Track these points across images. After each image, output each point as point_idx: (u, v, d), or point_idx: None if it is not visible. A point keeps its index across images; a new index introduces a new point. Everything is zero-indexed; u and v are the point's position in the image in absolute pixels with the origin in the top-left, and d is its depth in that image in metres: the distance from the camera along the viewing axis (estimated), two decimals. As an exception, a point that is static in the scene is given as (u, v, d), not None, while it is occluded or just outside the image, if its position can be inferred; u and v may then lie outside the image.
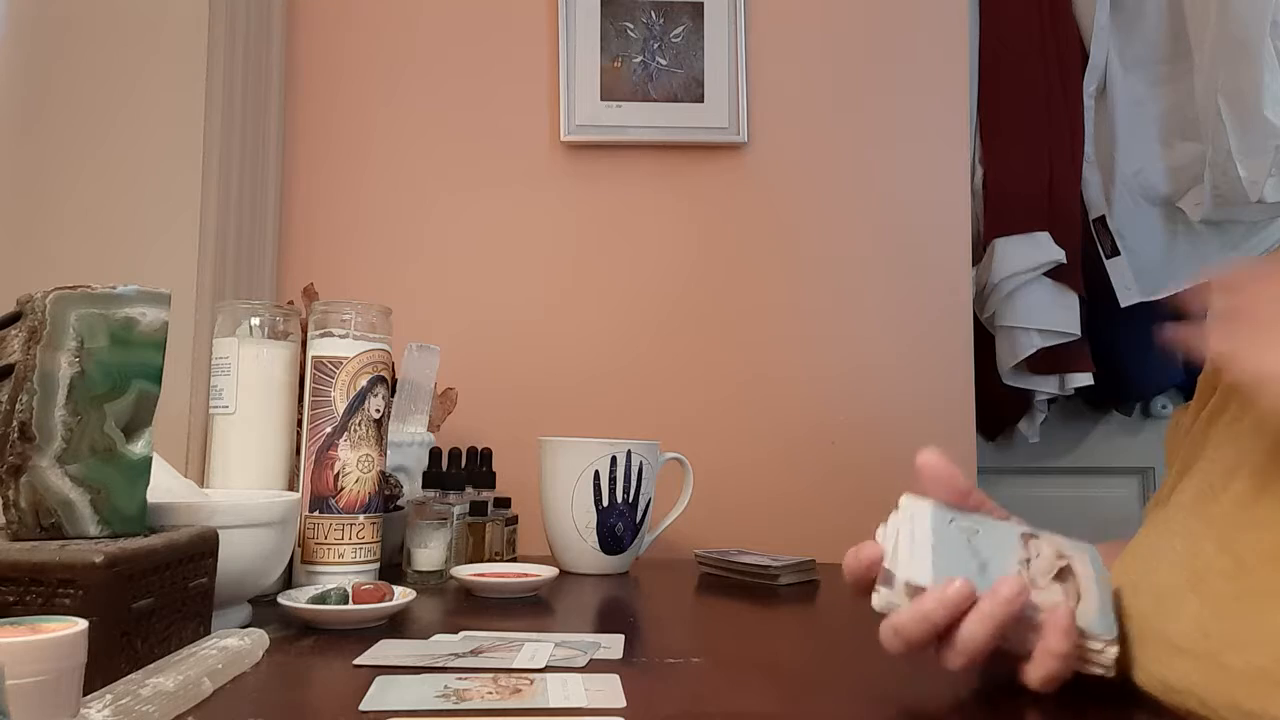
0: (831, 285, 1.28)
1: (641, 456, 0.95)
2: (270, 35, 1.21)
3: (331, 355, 0.77)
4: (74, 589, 0.47)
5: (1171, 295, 1.44)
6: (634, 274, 1.27)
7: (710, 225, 1.29)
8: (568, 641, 0.61)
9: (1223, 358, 0.48)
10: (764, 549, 0.98)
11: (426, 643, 0.61)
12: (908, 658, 0.50)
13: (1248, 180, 1.31)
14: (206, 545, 0.59)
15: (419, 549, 0.84)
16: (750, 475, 1.23)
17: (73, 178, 1.00)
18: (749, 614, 0.80)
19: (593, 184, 1.28)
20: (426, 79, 1.29)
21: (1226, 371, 0.50)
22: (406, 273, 1.26)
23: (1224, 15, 1.32)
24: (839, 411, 1.25)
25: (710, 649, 0.64)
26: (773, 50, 1.30)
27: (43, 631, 0.35)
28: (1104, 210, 1.48)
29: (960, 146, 1.31)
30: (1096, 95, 1.50)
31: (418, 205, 1.28)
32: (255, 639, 0.55)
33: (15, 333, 0.55)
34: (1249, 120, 1.30)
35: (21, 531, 0.54)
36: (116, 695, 0.42)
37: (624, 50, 1.27)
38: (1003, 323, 1.44)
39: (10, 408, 0.54)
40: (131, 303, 0.57)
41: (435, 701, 0.48)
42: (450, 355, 1.05)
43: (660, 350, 1.26)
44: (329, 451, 0.76)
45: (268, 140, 1.20)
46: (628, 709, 0.47)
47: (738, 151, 1.29)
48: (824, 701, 0.53)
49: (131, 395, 0.57)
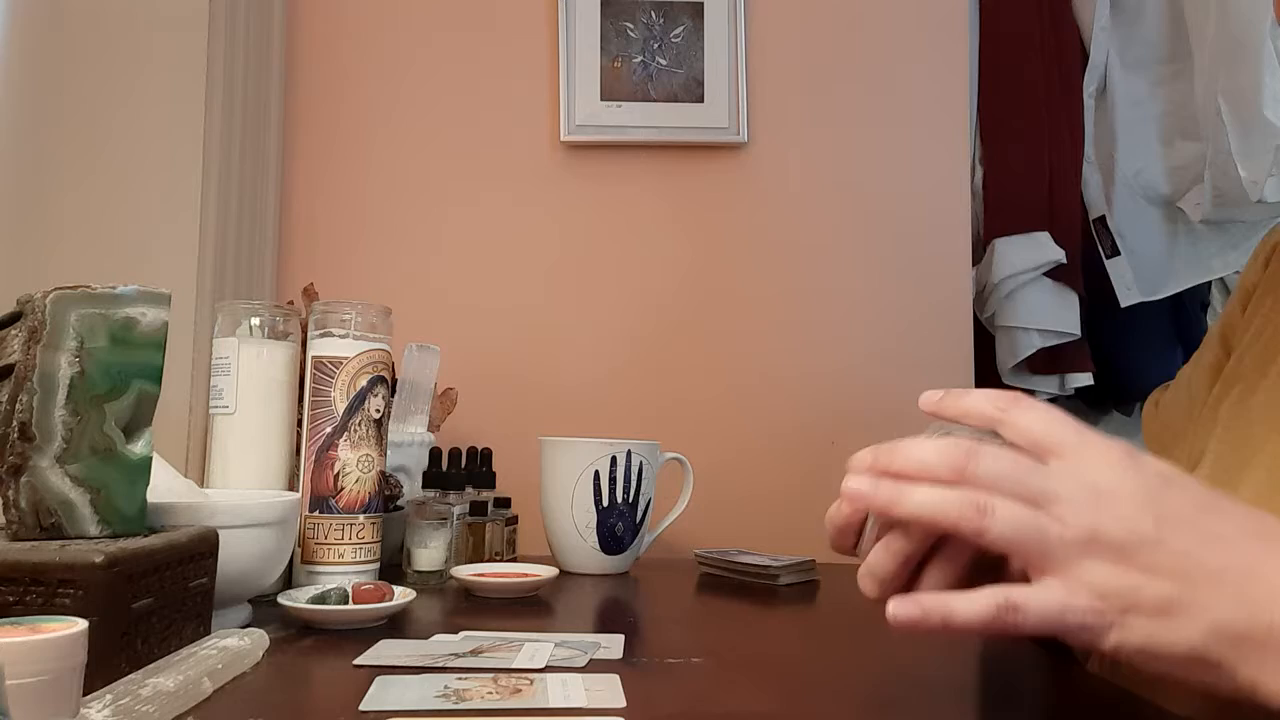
0: (831, 285, 1.28)
1: (641, 456, 0.95)
2: (270, 35, 1.21)
3: (331, 355, 0.77)
4: (74, 589, 0.47)
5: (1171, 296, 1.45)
6: (634, 274, 1.27)
7: (710, 225, 1.28)
8: (568, 641, 0.61)
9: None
10: (764, 549, 0.98)
11: (426, 643, 0.61)
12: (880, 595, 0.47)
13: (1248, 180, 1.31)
14: (206, 545, 0.59)
15: (419, 549, 0.84)
16: (750, 475, 1.23)
17: (73, 178, 1.00)
18: (749, 614, 0.80)
19: (593, 184, 1.28)
20: (426, 79, 1.29)
21: None
22: (406, 273, 1.26)
23: (1224, 15, 1.32)
24: (839, 411, 1.25)
25: (710, 649, 0.64)
26: (773, 50, 1.30)
27: (43, 631, 0.35)
28: (1104, 210, 1.48)
29: (960, 146, 1.31)
30: (1096, 95, 1.50)
31: (418, 205, 1.28)
32: (255, 639, 0.55)
33: (15, 333, 0.55)
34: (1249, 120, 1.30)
35: (21, 531, 0.54)
36: (116, 695, 0.42)
37: (624, 50, 1.27)
38: (1003, 323, 1.43)
39: (10, 408, 0.54)
40: (131, 303, 0.57)
41: (435, 701, 0.48)
42: (450, 355, 1.05)
43: (660, 350, 1.26)
44: (329, 451, 0.76)
45: (268, 140, 1.20)
46: (628, 709, 0.47)
47: (738, 151, 1.29)
48: (824, 701, 0.53)
49: (131, 395, 0.57)
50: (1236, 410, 0.54)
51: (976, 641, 0.67)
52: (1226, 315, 0.66)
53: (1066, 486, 0.39)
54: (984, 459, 0.40)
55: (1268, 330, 0.59)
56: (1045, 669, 0.60)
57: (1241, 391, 0.56)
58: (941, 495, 0.40)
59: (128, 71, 1.02)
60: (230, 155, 1.08)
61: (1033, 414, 0.42)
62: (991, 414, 0.42)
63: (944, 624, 0.39)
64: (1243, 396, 0.55)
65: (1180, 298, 1.47)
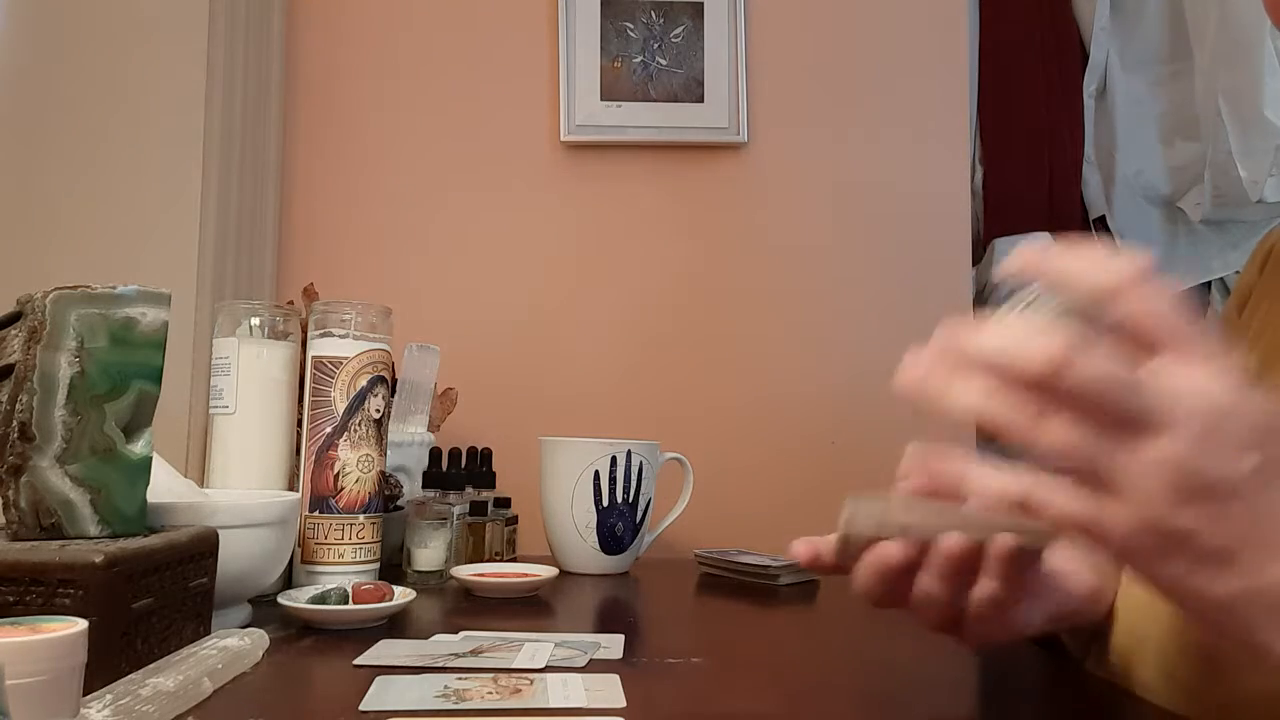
0: (831, 285, 1.28)
1: (641, 456, 0.95)
2: (270, 35, 1.21)
3: (331, 355, 0.77)
4: (74, 589, 0.47)
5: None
6: (634, 274, 1.27)
7: (710, 225, 1.28)
8: (568, 641, 0.61)
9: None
10: (764, 549, 0.98)
11: (426, 643, 0.61)
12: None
13: (1248, 180, 1.31)
14: (206, 545, 0.59)
15: (419, 549, 0.84)
16: (750, 475, 1.23)
17: (73, 178, 1.00)
18: (749, 614, 0.80)
19: (593, 184, 1.28)
20: (426, 79, 1.29)
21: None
22: (406, 273, 1.26)
23: (1224, 15, 1.32)
24: (839, 411, 1.25)
25: (710, 649, 0.64)
26: (773, 50, 1.30)
27: (43, 631, 0.35)
28: (1104, 210, 1.48)
29: (960, 146, 1.31)
30: (1096, 95, 1.50)
31: (418, 205, 1.28)
32: (255, 639, 0.55)
33: (15, 333, 0.55)
34: (1249, 120, 1.30)
35: (21, 531, 0.54)
36: (116, 695, 0.42)
37: (624, 50, 1.27)
38: (1003, 323, 1.43)
39: (10, 408, 0.54)
40: (131, 303, 0.57)
41: (435, 701, 0.48)
42: (450, 355, 1.05)
43: (660, 350, 1.26)
44: (329, 451, 0.76)
45: (268, 140, 1.20)
46: (628, 709, 0.47)
47: (738, 151, 1.29)
48: (824, 702, 0.53)
49: (131, 395, 0.57)
50: None
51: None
52: (1223, 318, 0.66)
53: (1173, 406, 0.34)
54: (1083, 364, 0.33)
55: (1266, 334, 0.59)
56: (1045, 669, 0.60)
57: None
58: (1005, 408, 0.34)
59: (128, 71, 1.02)
60: (230, 155, 1.08)
61: (1157, 298, 0.35)
62: (1107, 283, 0.36)
63: (957, 483, 0.37)
64: None
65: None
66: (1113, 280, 0.36)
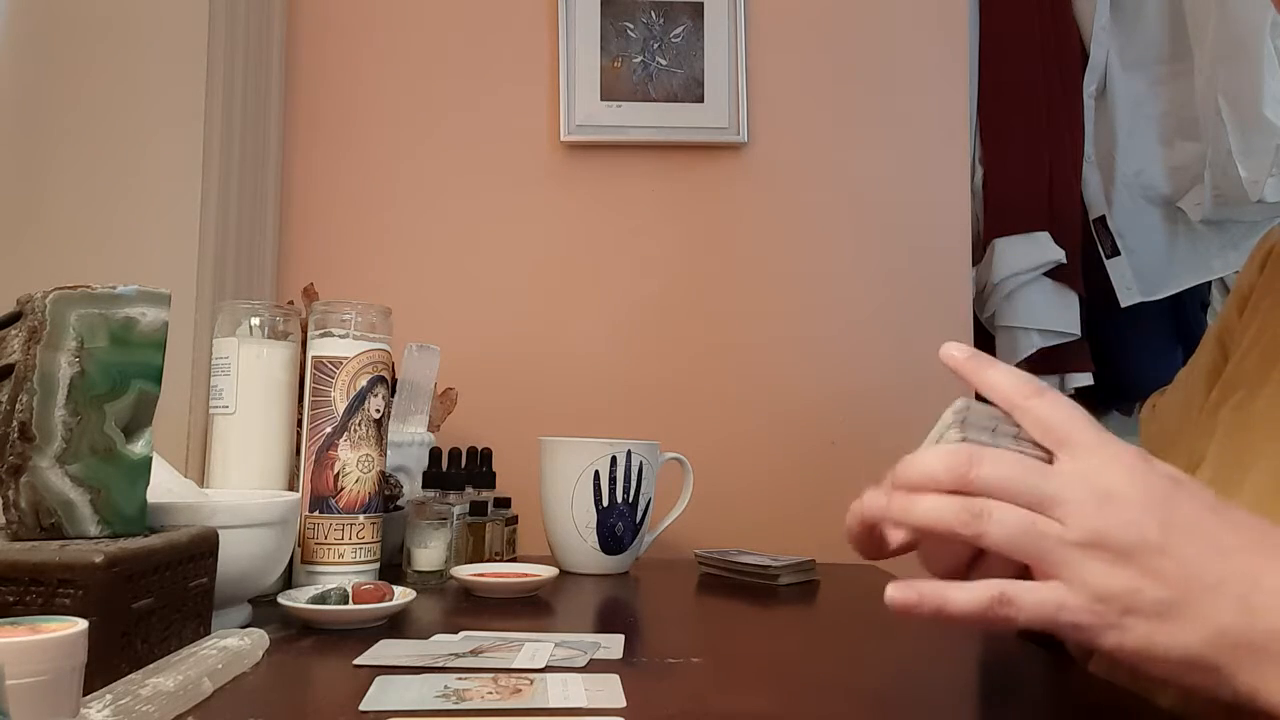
0: (831, 285, 1.28)
1: (641, 456, 0.95)
2: (270, 35, 1.21)
3: (331, 355, 0.77)
4: (74, 589, 0.47)
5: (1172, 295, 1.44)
6: (634, 274, 1.27)
7: (710, 225, 1.29)
8: (568, 641, 0.61)
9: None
10: (764, 549, 0.98)
11: (426, 643, 0.61)
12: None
13: (1248, 180, 1.31)
14: (206, 545, 0.59)
15: (419, 549, 0.84)
16: (750, 475, 1.23)
17: (73, 178, 1.00)
18: (749, 614, 0.80)
19: (593, 184, 1.28)
20: (426, 79, 1.29)
21: None
22: (406, 273, 1.26)
23: (1224, 15, 1.32)
24: (839, 411, 1.25)
25: (710, 649, 0.64)
26: (773, 50, 1.30)
27: (43, 631, 0.35)
28: (1104, 210, 1.48)
29: (960, 146, 1.31)
30: (1096, 95, 1.50)
31: (418, 205, 1.28)
32: (255, 639, 0.55)
33: (15, 333, 0.55)
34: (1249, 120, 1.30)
35: (21, 531, 0.54)
36: (116, 695, 0.42)
37: (624, 50, 1.27)
38: (1003, 323, 1.43)
39: (10, 408, 0.54)
40: (131, 303, 0.57)
41: (435, 701, 0.48)
42: (450, 355, 1.05)
43: (660, 350, 1.26)
44: (329, 451, 0.76)
45: (268, 140, 1.20)
46: (628, 709, 0.47)
47: (738, 151, 1.29)
48: (824, 701, 0.53)
49: (131, 395, 0.57)
50: (1237, 416, 0.54)
51: (976, 641, 0.67)
52: (1223, 318, 0.66)
53: (1072, 489, 0.39)
54: (985, 464, 0.39)
55: (1266, 334, 0.59)
56: (1045, 669, 0.60)
57: (1242, 397, 0.55)
58: (943, 504, 0.40)
59: (128, 71, 1.02)
60: (230, 155, 1.08)
61: (1053, 406, 0.41)
62: (1013, 399, 0.42)
63: (938, 612, 0.40)
64: (1243, 402, 0.55)
65: (1180, 298, 1.47)
66: (1018, 396, 0.42)
